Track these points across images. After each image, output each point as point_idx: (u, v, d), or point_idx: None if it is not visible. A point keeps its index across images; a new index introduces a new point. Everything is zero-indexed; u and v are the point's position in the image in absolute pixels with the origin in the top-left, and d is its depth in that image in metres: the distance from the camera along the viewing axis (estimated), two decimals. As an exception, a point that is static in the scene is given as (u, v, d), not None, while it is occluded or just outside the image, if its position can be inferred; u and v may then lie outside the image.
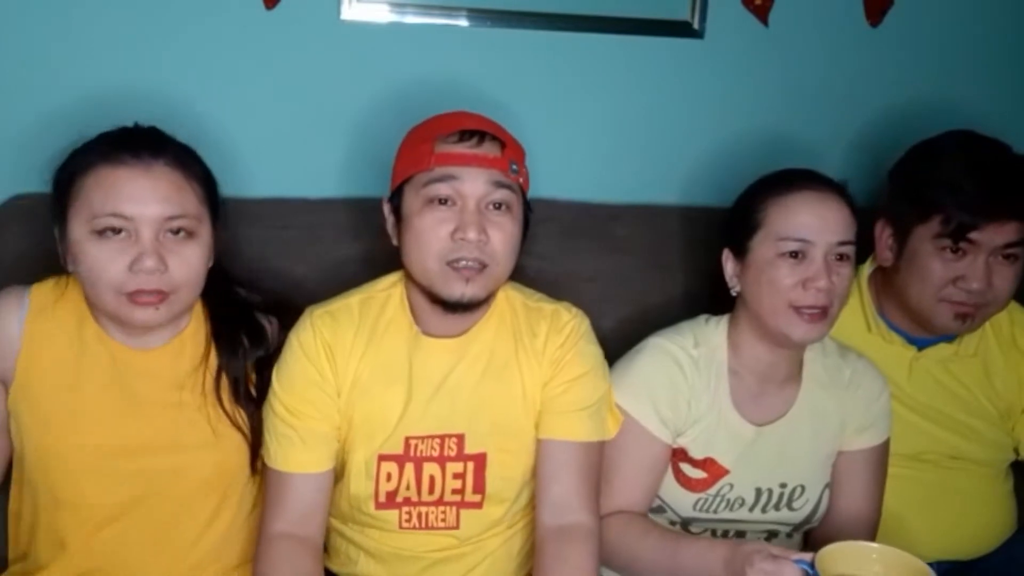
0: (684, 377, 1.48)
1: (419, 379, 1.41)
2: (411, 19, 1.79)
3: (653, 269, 1.80)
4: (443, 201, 1.34)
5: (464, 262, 1.33)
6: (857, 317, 1.68)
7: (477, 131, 1.36)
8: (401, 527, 1.44)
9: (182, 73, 1.71)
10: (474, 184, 1.34)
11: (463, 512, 1.44)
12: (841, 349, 1.57)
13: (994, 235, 1.52)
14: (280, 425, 1.39)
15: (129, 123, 1.40)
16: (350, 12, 1.75)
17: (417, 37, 1.80)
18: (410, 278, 1.41)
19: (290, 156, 1.79)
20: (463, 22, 1.82)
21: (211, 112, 1.73)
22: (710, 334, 1.52)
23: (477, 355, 1.43)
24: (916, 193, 1.57)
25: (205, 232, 1.37)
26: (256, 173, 1.76)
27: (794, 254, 1.42)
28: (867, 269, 1.70)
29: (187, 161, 1.36)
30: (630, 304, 1.77)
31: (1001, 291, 1.56)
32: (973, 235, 1.52)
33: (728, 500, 1.49)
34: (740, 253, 1.48)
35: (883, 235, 1.63)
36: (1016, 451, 1.73)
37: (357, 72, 1.79)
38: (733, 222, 1.52)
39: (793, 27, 1.95)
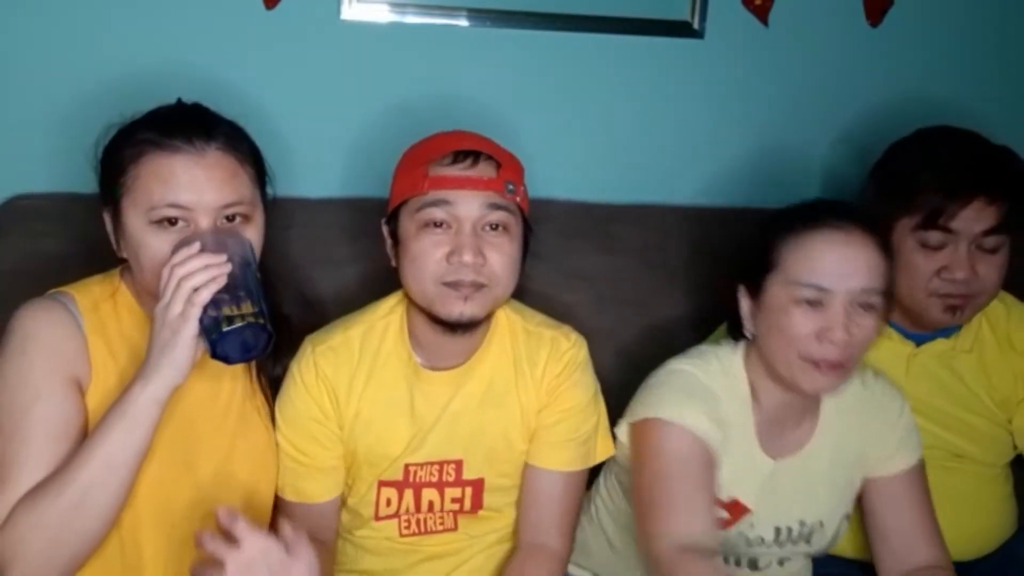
0: (719, 405, 1.37)
1: (420, 411, 1.41)
2: (411, 19, 1.79)
3: (651, 269, 1.80)
4: (438, 224, 1.33)
5: (461, 284, 1.32)
6: None
7: (471, 152, 1.34)
8: (401, 535, 1.46)
9: (180, 73, 1.71)
10: (469, 207, 1.32)
11: (460, 517, 1.46)
12: (860, 370, 1.43)
13: (973, 222, 1.52)
14: (287, 459, 1.40)
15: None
16: (350, 12, 1.76)
17: (417, 37, 1.80)
18: (410, 300, 1.40)
19: (289, 155, 1.78)
20: (463, 22, 1.82)
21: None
22: (732, 362, 1.41)
23: (476, 384, 1.42)
24: (897, 185, 1.57)
25: (259, 216, 1.32)
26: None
27: (811, 302, 1.29)
28: None
29: (237, 142, 1.31)
30: (627, 304, 1.76)
31: (988, 281, 1.56)
32: (952, 223, 1.51)
33: (748, 539, 1.41)
34: (754, 292, 1.36)
35: None
36: (1015, 446, 1.72)
37: (357, 72, 1.79)
38: (747, 258, 1.39)
39: (793, 27, 1.94)
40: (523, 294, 1.48)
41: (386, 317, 1.44)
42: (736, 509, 1.40)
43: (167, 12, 1.70)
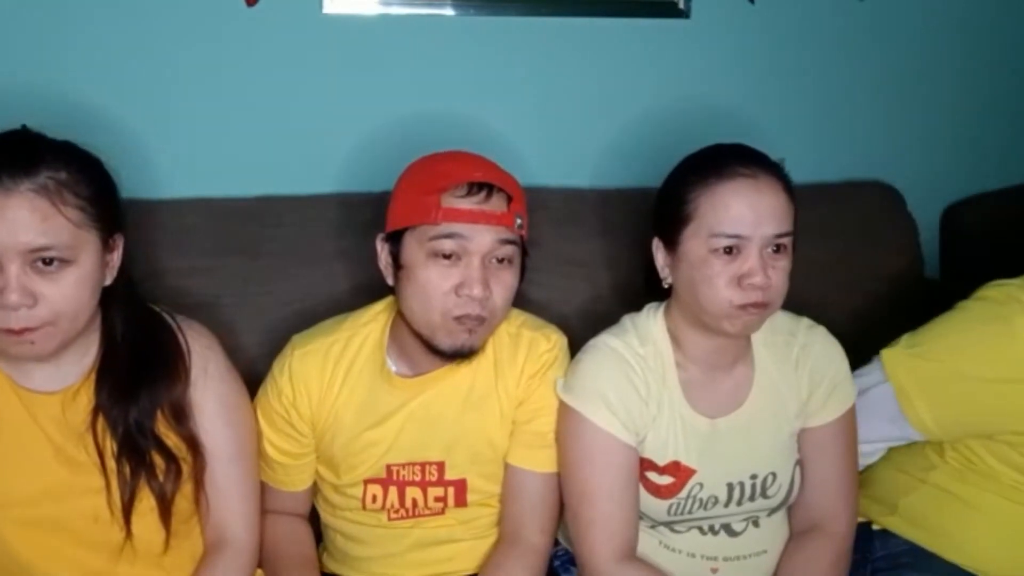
0: (637, 375, 1.42)
1: (399, 415, 1.44)
2: (394, 10, 1.78)
3: (645, 254, 1.79)
4: (447, 255, 1.33)
5: (468, 318, 1.35)
6: None
7: (485, 184, 1.34)
8: (389, 518, 1.48)
9: (166, 72, 1.70)
10: (480, 241, 1.33)
11: (448, 507, 1.48)
12: (792, 323, 1.49)
13: None
14: (266, 455, 1.46)
15: (119, 126, 1.34)
16: (332, 6, 1.74)
17: (400, 28, 1.79)
18: (403, 318, 1.41)
19: (279, 152, 1.78)
20: (448, 11, 1.81)
21: (194, 113, 1.72)
22: (650, 328, 1.46)
23: (455, 387, 1.44)
24: None
25: (86, 256, 1.21)
26: (246, 171, 1.76)
27: (728, 250, 1.34)
28: None
29: (62, 179, 1.19)
30: (622, 290, 1.76)
31: None
32: None
33: (701, 500, 1.43)
34: (671, 244, 1.40)
35: None
36: None
37: (342, 66, 1.78)
38: (662, 211, 1.42)
39: (780, 3, 1.94)
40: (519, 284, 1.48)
41: (368, 325, 1.46)
42: (679, 471, 1.43)
43: (147, 12, 1.68)
